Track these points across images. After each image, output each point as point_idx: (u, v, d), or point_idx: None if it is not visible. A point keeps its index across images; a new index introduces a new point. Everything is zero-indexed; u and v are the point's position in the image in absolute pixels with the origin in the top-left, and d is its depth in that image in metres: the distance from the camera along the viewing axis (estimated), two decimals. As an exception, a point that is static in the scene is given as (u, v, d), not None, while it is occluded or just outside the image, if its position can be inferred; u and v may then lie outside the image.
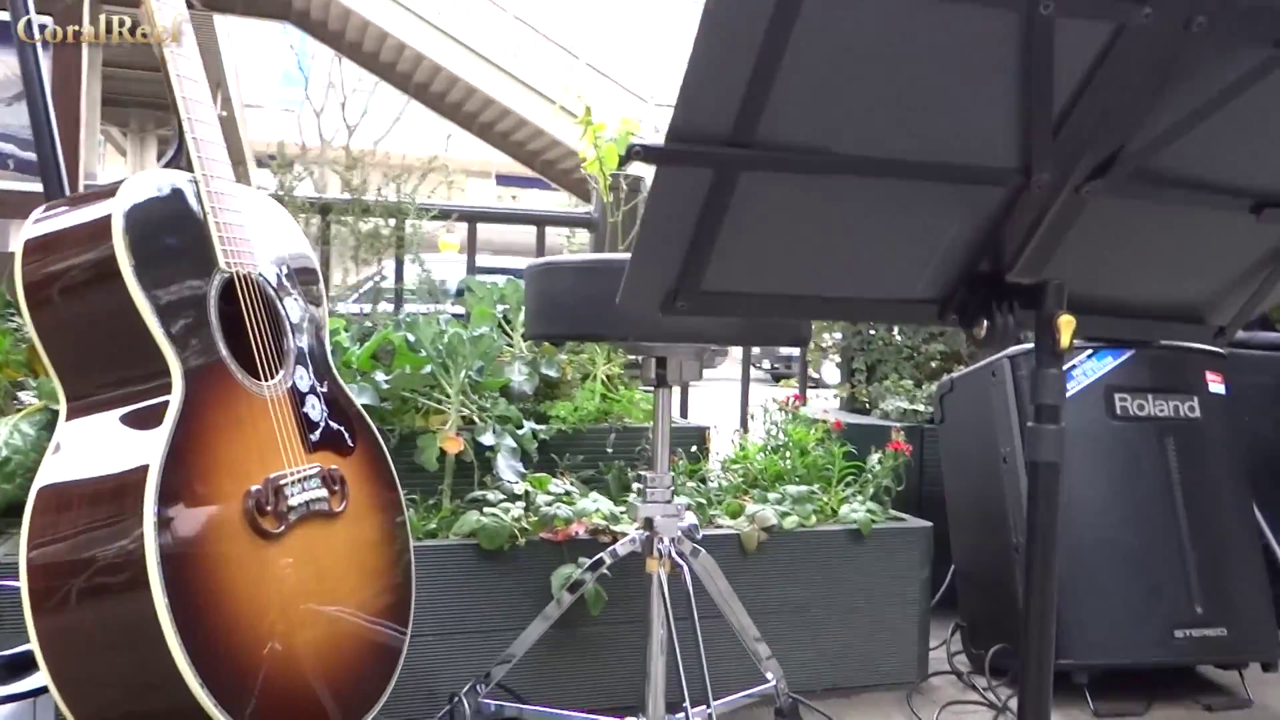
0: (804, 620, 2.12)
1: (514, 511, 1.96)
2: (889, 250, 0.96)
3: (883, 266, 0.96)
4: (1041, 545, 0.90)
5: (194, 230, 1.32)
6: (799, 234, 0.91)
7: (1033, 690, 0.93)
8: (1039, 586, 0.91)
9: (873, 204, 0.90)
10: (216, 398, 1.27)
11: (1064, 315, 0.89)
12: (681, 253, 0.89)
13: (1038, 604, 0.91)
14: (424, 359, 2.15)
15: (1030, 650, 0.92)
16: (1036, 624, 0.91)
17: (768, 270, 0.94)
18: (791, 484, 2.29)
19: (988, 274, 0.97)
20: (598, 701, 1.91)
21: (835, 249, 0.94)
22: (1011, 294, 0.96)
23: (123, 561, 1.12)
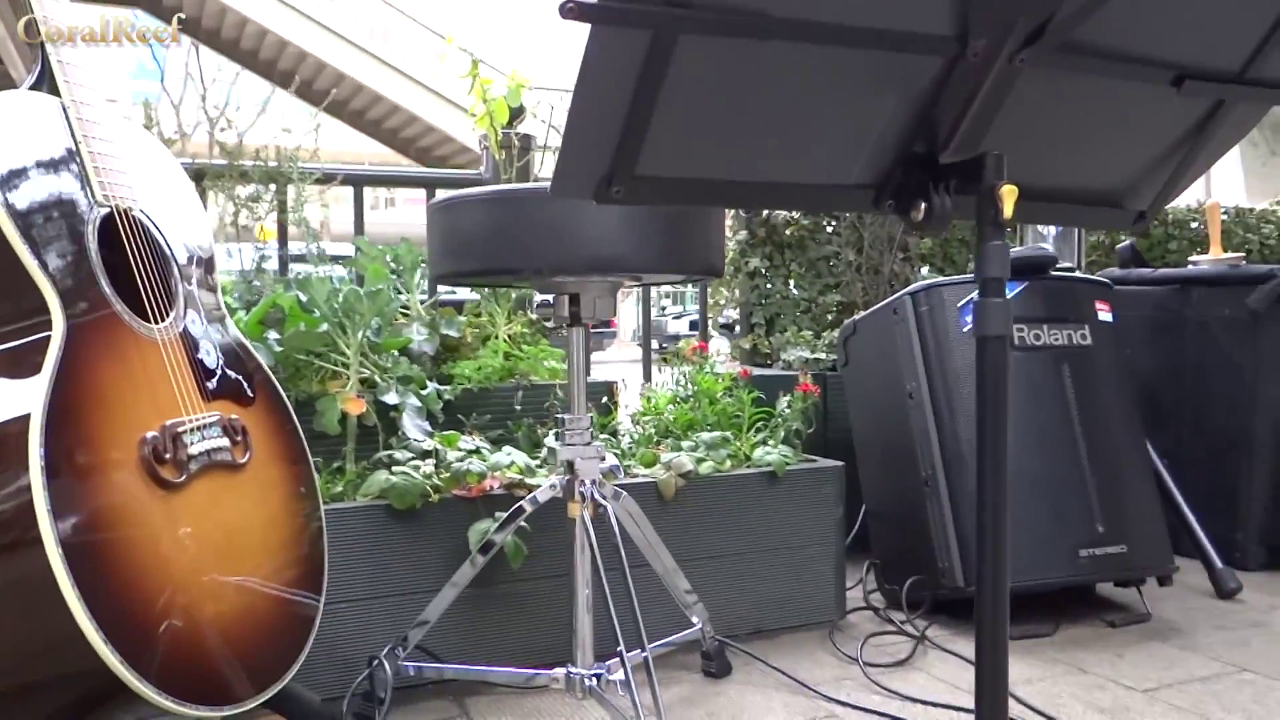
0: (724, 566, 2.11)
1: (424, 469, 1.88)
2: (825, 133, 0.93)
3: (819, 150, 0.94)
4: (992, 426, 0.89)
5: (64, 158, 1.21)
6: (735, 113, 0.88)
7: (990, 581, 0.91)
8: (991, 474, 0.89)
9: (809, 79, 0.88)
10: (102, 338, 1.16)
11: (1006, 184, 0.88)
12: (616, 132, 0.84)
13: (991, 494, 0.89)
14: (318, 319, 2.04)
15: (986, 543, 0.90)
16: (991, 513, 0.89)
17: (704, 154, 0.90)
18: (704, 432, 2.27)
19: (922, 156, 0.96)
20: (524, 657, 1.85)
21: (771, 131, 0.91)
22: (948, 174, 0.95)
23: (11, 517, 1.01)
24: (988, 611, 0.89)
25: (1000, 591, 0.89)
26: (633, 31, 0.78)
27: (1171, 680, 1.88)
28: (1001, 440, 0.89)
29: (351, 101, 12.48)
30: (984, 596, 0.89)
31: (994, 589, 0.88)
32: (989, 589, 0.89)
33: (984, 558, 0.89)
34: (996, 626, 0.89)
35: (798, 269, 3.14)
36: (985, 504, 0.89)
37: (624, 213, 1.47)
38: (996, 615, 0.88)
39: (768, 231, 3.10)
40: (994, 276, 0.89)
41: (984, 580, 0.89)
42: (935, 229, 0.95)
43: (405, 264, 2.45)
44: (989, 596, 0.89)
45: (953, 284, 2.27)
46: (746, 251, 3.10)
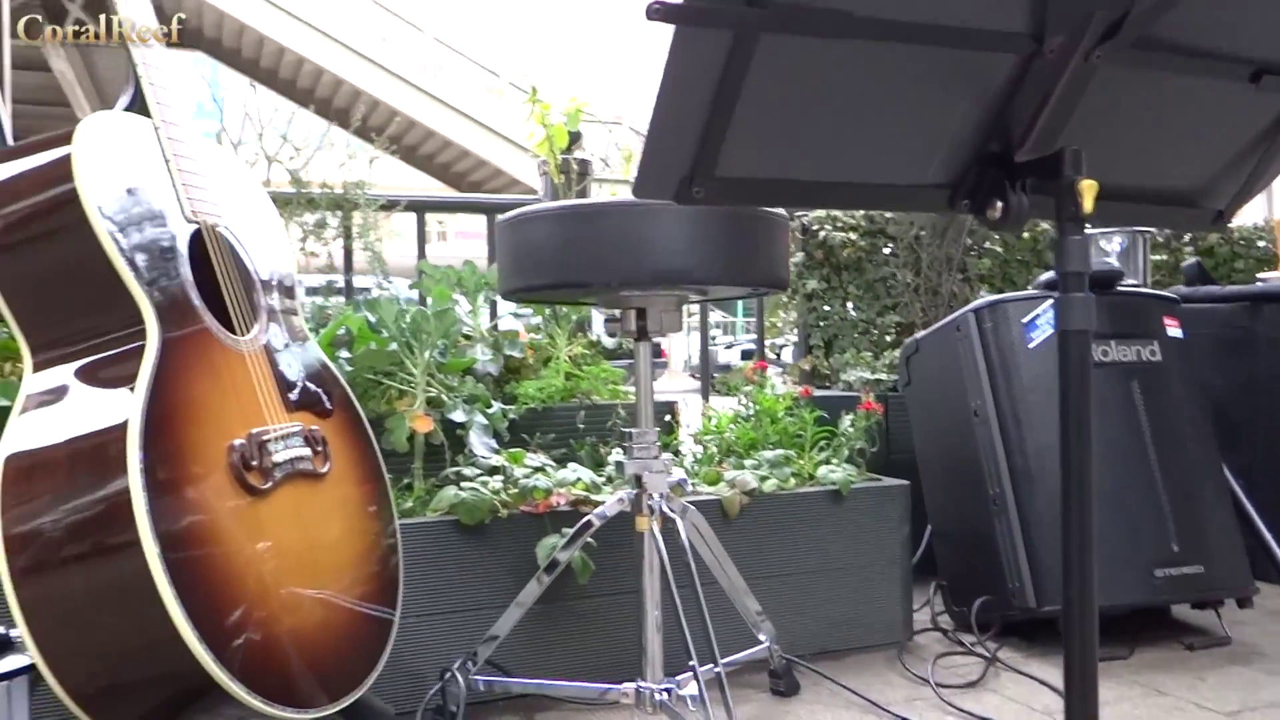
0: (789, 584, 2.10)
1: (492, 485, 1.90)
2: (901, 132, 0.94)
3: (895, 150, 0.95)
4: (1077, 419, 0.88)
5: (157, 177, 1.26)
6: (813, 113, 0.89)
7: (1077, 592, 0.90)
8: (1077, 476, 0.88)
9: (886, 78, 0.89)
10: (193, 349, 1.20)
11: (1085, 179, 0.88)
12: (697, 132, 0.86)
13: (1078, 498, 0.89)
14: (387, 339, 2.08)
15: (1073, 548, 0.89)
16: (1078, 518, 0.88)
17: (783, 154, 0.91)
18: (766, 451, 2.27)
19: (998, 154, 0.96)
20: (592, 673, 1.85)
21: (848, 131, 0.92)
22: (1024, 172, 0.95)
23: (110, 520, 1.05)
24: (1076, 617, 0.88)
25: (1088, 591, 0.88)
26: (715, 32, 0.80)
27: (1256, 704, 1.83)
28: (1086, 434, 0.89)
29: (405, 138, 12.71)
30: (1071, 598, 0.89)
31: (1081, 592, 0.88)
32: (1077, 587, 0.88)
33: (1070, 562, 0.88)
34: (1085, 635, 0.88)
35: (855, 290, 3.13)
36: (1071, 508, 0.89)
37: (691, 226, 1.48)
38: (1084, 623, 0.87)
39: (825, 253, 3.10)
40: (1075, 271, 0.89)
41: (1071, 579, 0.88)
42: (1012, 227, 0.95)
43: (468, 286, 2.49)
44: (1078, 598, 0.88)
45: (1017, 300, 2.26)
46: (804, 273, 3.10)
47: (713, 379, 3.16)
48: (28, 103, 11.98)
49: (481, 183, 13.18)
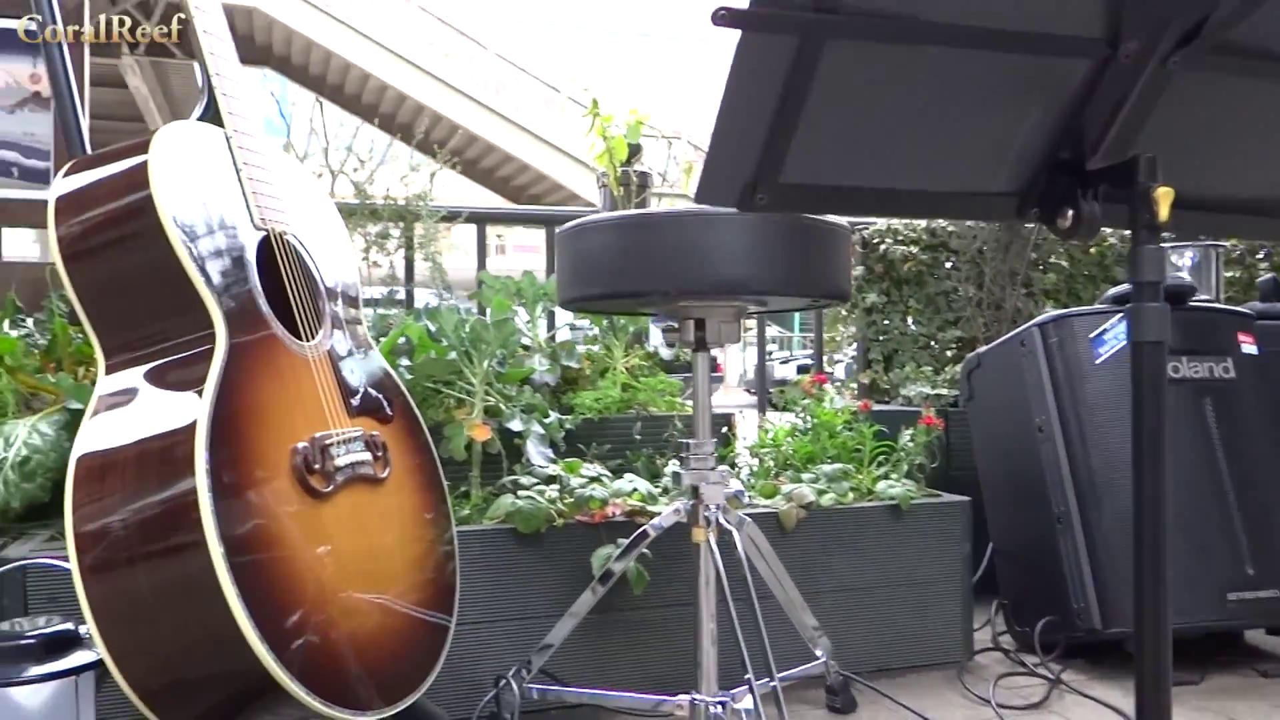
0: (846, 600, 2.07)
1: (549, 494, 1.90)
2: (969, 139, 0.92)
3: (962, 157, 0.93)
4: (1150, 435, 0.85)
5: (228, 185, 1.28)
6: (880, 119, 0.88)
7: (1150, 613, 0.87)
8: (1150, 491, 0.86)
9: (954, 85, 0.87)
10: (260, 353, 1.22)
11: (1161, 187, 0.86)
12: (761, 139, 0.85)
13: (1150, 514, 0.86)
14: (447, 348, 2.10)
15: (1146, 567, 0.87)
16: (1150, 538, 0.86)
17: (848, 161, 0.90)
18: (824, 465, 2.24)
19: (1070, 162, 0.94)
20: (647, 684, 1.84)
21: (915, 138, 0.90)
22: (1096, 181, 0.93)
23: (177, 520, 1.06)
24: (1149, 639, 0.85)
25: (1161, 613, 0.86)
26: (780, 37, 0.80)
27: (1334, 734, 1.76)
28: (1161, 448, 0.86)
29: (466, 152, 12.87)
30: (1144, 620, 0.86)
31: (1154, 613, 0.85)
32: (1150, 608, 0.85)
33: (1143, 583, 0.86)
34: (1158, 658, 0.85)
35: (916, 304, 3.10)
36: (1145, 525, 0.86)
37: (751, 235, 1.47)
38: (1158, 646, 0.85)
39: (885, 267, 3.07)
40: (1149, 280, 0.87)
41: (1144, 601, 0.86)
42: (1084, 236, 0.93)
43: (527, 297, 2.51)
44: (1150, 619, 0.85)
45: (1084, 314, 2.21)
46: (864, 287, 3.07)
47: (769, 393, 3.14)
48: (106, 118, 12.35)
49: (541, 196, 13.28)
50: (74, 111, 1.39)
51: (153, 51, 11.83)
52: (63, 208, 1.18)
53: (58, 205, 1.18)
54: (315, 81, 12.44)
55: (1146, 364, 0.87)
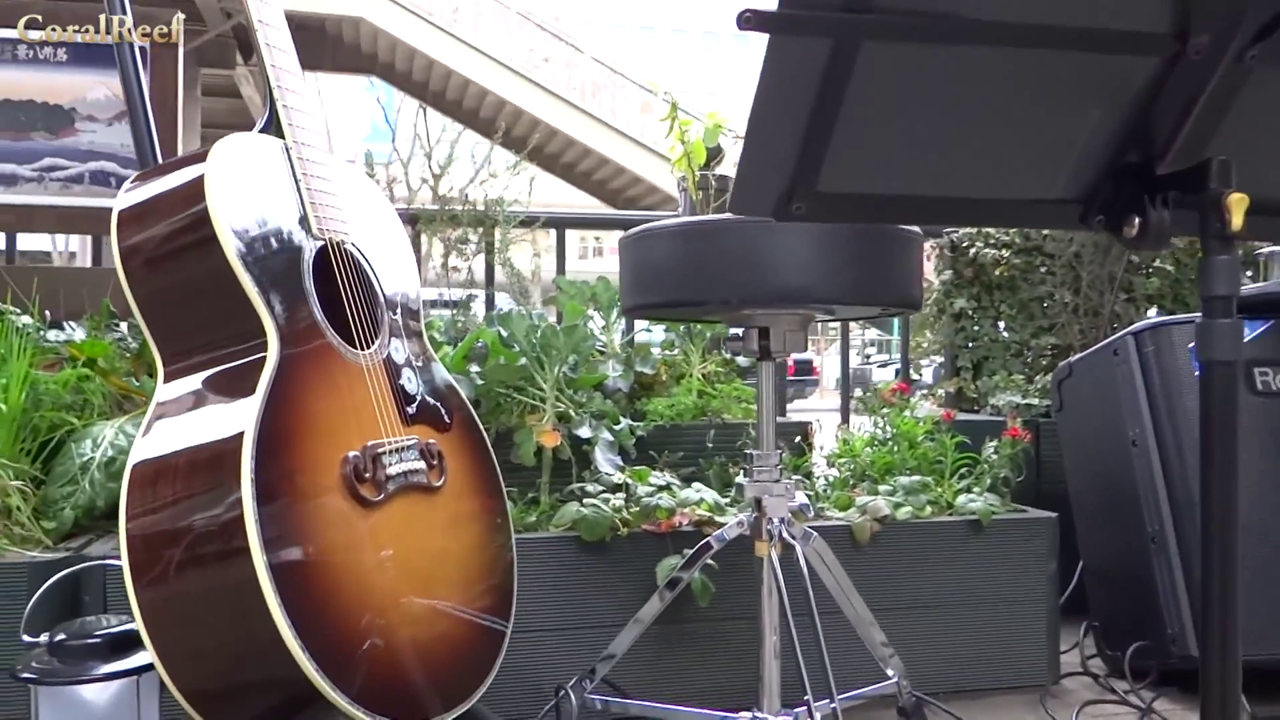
0: (922, 618, 2.00)
1: (614, 502, 1.89)
2: (1024, 144, 0.87)
3: (1018, 163, 0.88)
4: (1221, 464, 0.79)
5: (286, 195, 1.30)
6: (925, 124, 0.84)
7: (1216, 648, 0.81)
8: (1219, 521, 0.79)
9: (1004, 85, 0.82)
10: (313, 362, 1.23)
11: (1234, 193, 0.79)
12: (796, 146, 0.82)
13: (1219, 544, 0.79)
14: (517, 354, 2.10)
15: (1213, 601, 0.80)
16: (1219, 567, 0.79)
17: (891, 168, 0.86)
18: (902, 476, 2.18)
19: (1136, 166, 0.88)
20: (713, 697, 1.81)
21: (964, 143, 0.86)
22: (1165, 186, 0.86)
23: (222, 528, 1.08)
24: (1216, 667, 0.79)
25: (1230, 647, 0.79)
26: (813, 40, 0.76)
27: None
28: (1231, 481, 0.79)
29: (564, 155, 13.00)
30: (1210, 654, 0.79)
31: (1222, 646, 0.78)
32: (1216, 646, 0.79)
33: (1210, 615, 0.79)
34: (1226, 685, 0.78)
35: (1008, 310, 2.98)
36: (1211, 556, 0.80)
37: (815, 242, 1.43)
38: (1225, 673, 0.78)
39: (975, 271, 2.97)
40: (1220, 295, 0.80)
41: (1211, 635, 0.79)
42: (1152, 245, 0.87)
43: (602, 302, 2.50)
44: (1216, 652, 0.79)
45: (1182, 323, 2.09)
46: (952, 292, 2.97)
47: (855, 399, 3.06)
48: (219, 127, 12.83)
49: (637, 199, 13.32)
50: (146, 122, 1.43)
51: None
52: (124, 220, 1.21)
53: (120, 218, 1.21)
54: (418, 88, 12.70)
55: (1217, 385, 0.80)
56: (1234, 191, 0.80)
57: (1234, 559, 0.79)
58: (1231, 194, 0.80)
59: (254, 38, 1.34)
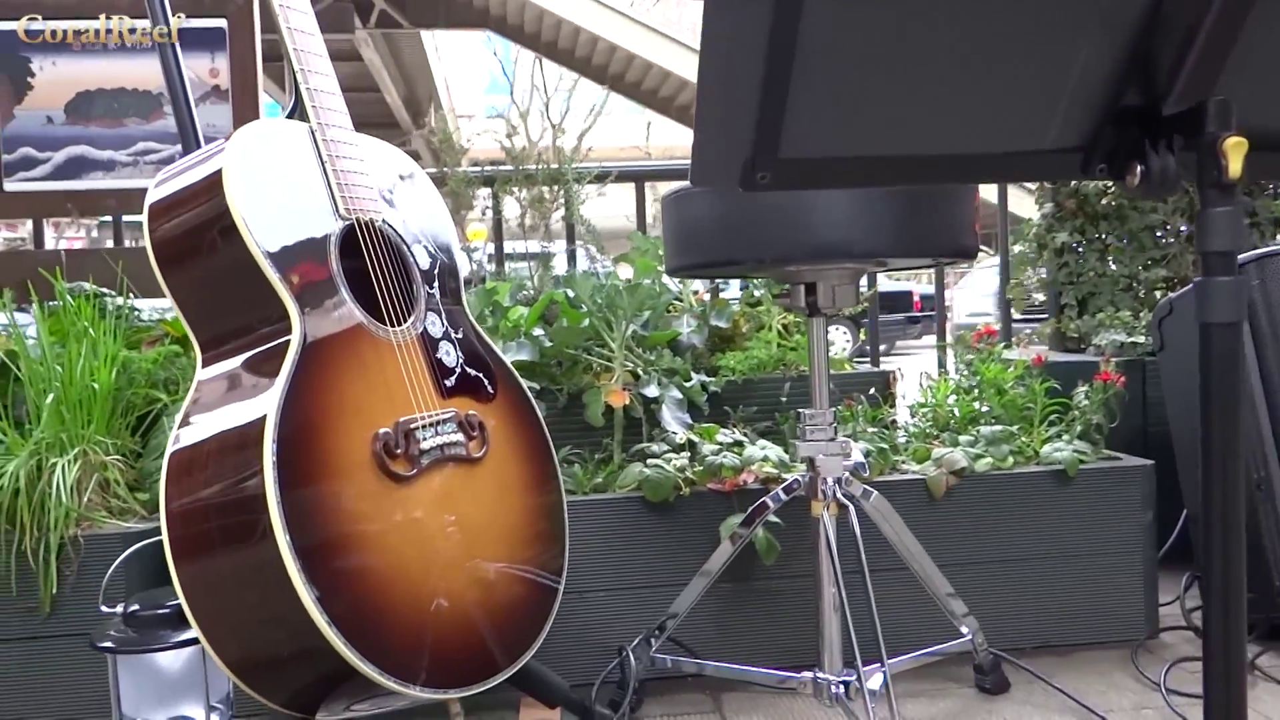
0: (1006, 572, 1.93)
1: (678, 462, 1.88)
2: (1006, 91, 0.81)
3: (1002, 113, 0.81)
4: (1221, 432, 0.72)
5: (311, 178, 1.33)
6: (889, 79, 0.78)
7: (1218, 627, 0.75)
8: (1220, 492, 0.73)
9: (975, 30, 0.76)
10: (340, 342, 1.26)
11: (1231, 137, 0.72)
12: (752, 113, 0.78)
13: (1219, 514, 0.73)
14: (583, 314, 2.11)
15: (1214, 580, 0.74)
16: (1218, 542, 0.73)
17: (860, 128, 0.81)
18: (986, 426, 2.09)
19: (1139, 108, 0.80)
20: (780, 655, 1.80)
21: (938, 96, 0.80)
22: (1170, 128, 0.79)
23: (247, 510, 1.12)
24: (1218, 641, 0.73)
25: (1236, 633, 0.73)
26: (750, 5, 0.72)
27: None
28: (1232, 450, 0.73)
29: (678, 98, 12.85)
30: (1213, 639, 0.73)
31: (1226, 632, 0.72)
32: (1219, 629, 0.73)
33: (1211, 584, 0.73)
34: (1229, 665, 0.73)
35: (1116, 242, 2.81)
36: (1214, 527, 0.73)
37: (854, 195, 1.37)
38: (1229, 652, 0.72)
39: (1078, 203, 2.80)
40: (1219, 250, 0.73)
41: (1213, 617, 0.73)
42: (1158, 194, 0.79)
43: (677, 257, 2.46)
44: (1219, 638, 0.73)
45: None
46: (1054, 226, 2.81)
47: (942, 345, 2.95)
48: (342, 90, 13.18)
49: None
50: (188, 110, 1.47)
51: (382, 23, 12.52)
52: (154, 214, 1.26)
53: (150, 212, 1.26)
54: (531, 39, 12.73)
55: (1216, 349, 0.73)
56: (1232, 135, 0.72)
57: (1238, 544, 0.73)
58: (1229, 137, 0.72)
59: (276, 21, 1.36)
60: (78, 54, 2.41)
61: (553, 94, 2.99)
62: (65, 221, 3.31)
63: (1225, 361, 0.73)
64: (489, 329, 2.10)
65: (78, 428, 1.77)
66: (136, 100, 2.47)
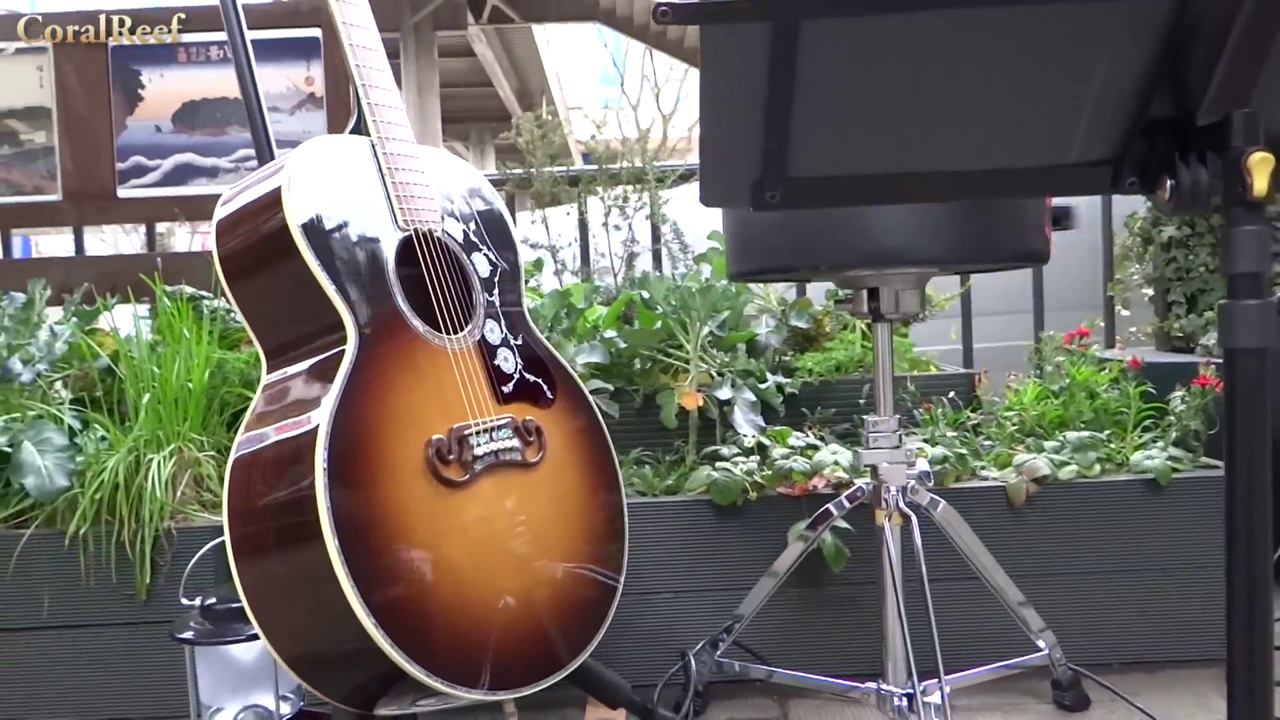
0: (1091, 585, 1.86)
1: (747, 465, 1.87)
2: (1019, 104, 0.77)
3: (1017, 126, 0.78)
4: (1245, 465, 0.68)
5: (369, 191, 1.37)
6: (899, 96, 0.76)
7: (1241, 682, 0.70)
8: (1243, 532, 0.69)
9: (986, 45, 0.73)
10: (395, 351, 1.30)
11: (1257, 152, 0.67)
12: (758, 134, 0.77)
13: (1245, 558, 0.69)
14: (657, 315, 2.11)
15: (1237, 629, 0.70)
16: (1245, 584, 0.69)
17: (870, 146, 0.79)
18: (1074, 431, 2.01)
19: (1170, 119, 0.76)
20: (850, 663, 1.78)
21: (948, 109, 0.77)
22: (1201, 140, 0.75)
23: (298, 514, 1.17)
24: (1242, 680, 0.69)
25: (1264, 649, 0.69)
26: (748, 26, 0.71)
27: None
28: (1262, 493, 0.69)
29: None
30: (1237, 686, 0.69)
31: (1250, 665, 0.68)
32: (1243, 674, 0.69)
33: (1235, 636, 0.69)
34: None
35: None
36: (1237, 570, 0.69)
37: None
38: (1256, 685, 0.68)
39: (1188, 194, 2.65)
40: (1245, 272, 0.69)
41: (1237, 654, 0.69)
42: (1189, 210, 0.75)
43: (758, 256, 2.44)
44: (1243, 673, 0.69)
45: None
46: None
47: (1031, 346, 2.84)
48: (457, 85, 13.49)
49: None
50: (261, 120, 1.53)
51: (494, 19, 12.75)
52: (221, 230, 1.32)
53: (217, 229, 1.32)
54: (641, 31, 12.75)
55: (1241, 377, 0.69)
56: (1257, 150, 0.68)
57: (1268, 583, 0.69)
58: (1253, 153, 0.67)
59: (339, 39, 1.40)
60: (184, 65, 2.53)
61: (663, 84, 3.00)
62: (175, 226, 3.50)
63: (1251, 389, 0.68)
64: (563, 330, 2.13)
65: (174, 425, 1.87)
66: (238, 108, 2.57)
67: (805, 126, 0.76)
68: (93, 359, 1.98)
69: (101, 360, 2.02)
